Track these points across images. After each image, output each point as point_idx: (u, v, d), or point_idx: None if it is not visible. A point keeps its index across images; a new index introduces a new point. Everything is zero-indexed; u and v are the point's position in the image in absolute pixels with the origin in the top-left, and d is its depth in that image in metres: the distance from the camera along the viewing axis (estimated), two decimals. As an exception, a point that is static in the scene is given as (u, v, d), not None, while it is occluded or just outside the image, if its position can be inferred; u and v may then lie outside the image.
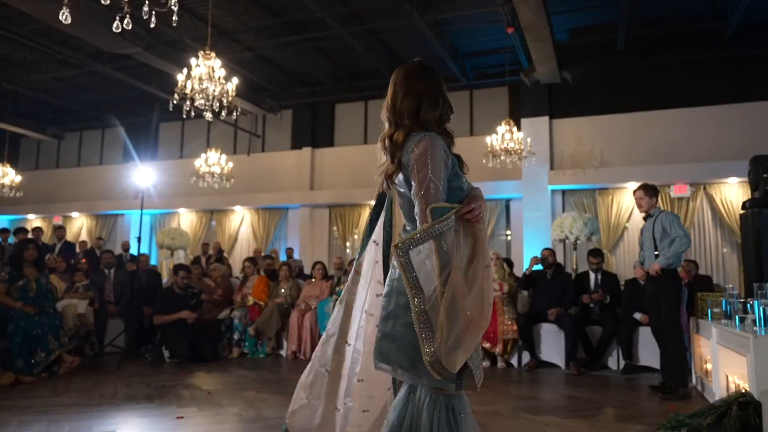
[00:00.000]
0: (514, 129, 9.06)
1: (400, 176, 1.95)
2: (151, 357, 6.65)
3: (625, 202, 10.23)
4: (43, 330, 5.56)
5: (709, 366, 4.77)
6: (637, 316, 6.12)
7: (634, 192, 5.31)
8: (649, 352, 6.04)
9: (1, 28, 8.98)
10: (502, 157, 8.93)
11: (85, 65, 10.37)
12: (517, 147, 8.94)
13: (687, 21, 9.23)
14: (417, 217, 1.85)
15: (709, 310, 4.73)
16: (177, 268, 7.34)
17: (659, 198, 9.67)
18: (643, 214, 5.26)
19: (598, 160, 10.32)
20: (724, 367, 4.23)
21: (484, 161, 9.09)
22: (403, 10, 8.33)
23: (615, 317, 6.29)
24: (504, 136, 8.90)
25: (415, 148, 1.87)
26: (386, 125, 2.05)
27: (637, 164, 9.93)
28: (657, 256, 4.97)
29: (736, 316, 4.07)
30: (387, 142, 2.00)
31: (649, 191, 5.19)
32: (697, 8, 8.91)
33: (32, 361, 5.38)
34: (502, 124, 8.99)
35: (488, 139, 9.03)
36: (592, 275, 6.70)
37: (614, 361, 6.28)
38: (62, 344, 5.76)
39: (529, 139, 9.46)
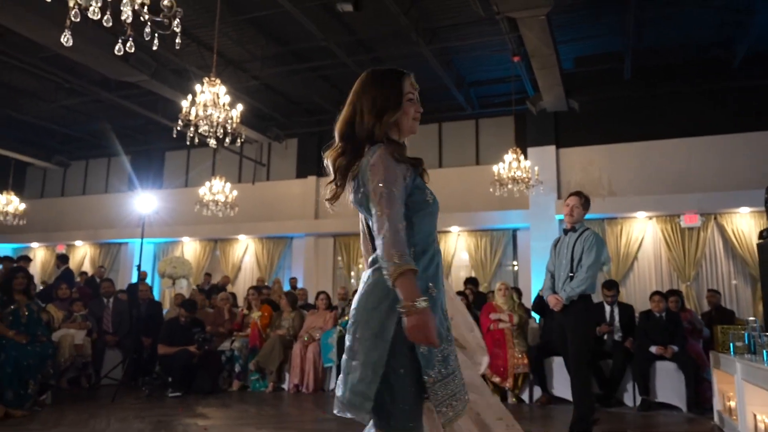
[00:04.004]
0: (521, 157, 8.96)
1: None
2: (148, 390, 6.42)
3: (634, 232, 10.05)
4: (35, 360, 5.35)
5: (732, 403, 4.52)
6: (653, 349, 5.88)
7: (569, 197, 4.60)
8: (667, 387, 5.79)
9: (9, 57, 9.04)
10: (510, 186, 8.81)
11: (92, 93, 10.40)
12: (524, 175, 8.83)
13: (694, 51, 9.21)
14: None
15: (731, 344, 4.50)
16: (183, 305, 7.23)
17: (672, 226, 9.65)
18: (567, 227, 4.56)
19: (606, 189, 10.17)
20: (751, 405, 4.00)
21: (491, 189, 8.97)
22: (409, 39, 8.31)
23: (626, 349, 6.06)
24: (511, 165, 8.80)
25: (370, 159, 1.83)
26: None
27: (646, 193, 9.78)
28: (572, 278, 4.39)
29: (764, 351, 3.85)
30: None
31: (584, 201, 4.53)
32: (704, 38, 8.89)
33: (22, 393, 5.16)
34: (509, 152, 8.90)
35: (495, 168, 8.92)
36: (607, 307, 6.48)
37: (630, 396, 6.01)
38: (46, 375, 5.53)
39: (536, 168, 9.35)
